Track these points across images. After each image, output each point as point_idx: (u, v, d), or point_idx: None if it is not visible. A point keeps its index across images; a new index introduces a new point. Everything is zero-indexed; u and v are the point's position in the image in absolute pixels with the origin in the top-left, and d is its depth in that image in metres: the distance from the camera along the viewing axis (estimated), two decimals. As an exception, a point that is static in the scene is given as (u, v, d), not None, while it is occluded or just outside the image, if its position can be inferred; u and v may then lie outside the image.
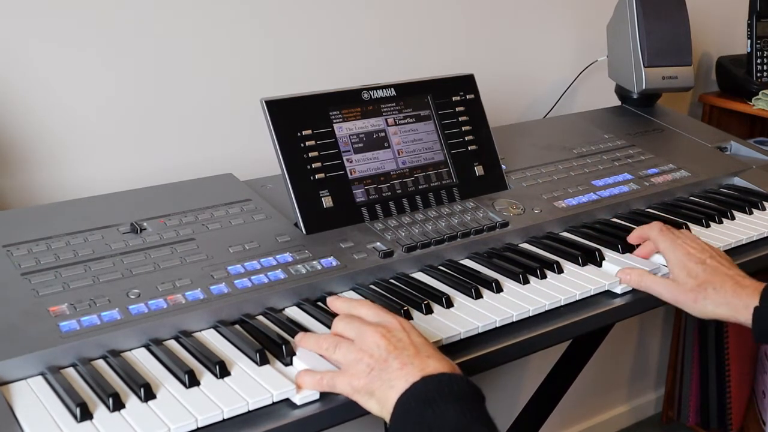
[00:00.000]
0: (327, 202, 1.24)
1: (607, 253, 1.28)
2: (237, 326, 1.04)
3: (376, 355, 0.91)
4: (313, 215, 1.23)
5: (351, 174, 1.28)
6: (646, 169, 1.59)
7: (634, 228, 1.36)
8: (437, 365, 0.89)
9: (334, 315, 1.06)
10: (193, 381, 0.91)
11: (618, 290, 1.20)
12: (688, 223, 1.41)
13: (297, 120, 1.24)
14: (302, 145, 1.24)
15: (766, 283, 1.16)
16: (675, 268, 1.20)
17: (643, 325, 2.58)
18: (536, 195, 1.42)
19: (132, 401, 0.88)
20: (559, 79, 2.04)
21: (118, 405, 0.86)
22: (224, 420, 0.87)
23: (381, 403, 0.89)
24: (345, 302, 1.03)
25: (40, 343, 0.93)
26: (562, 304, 1.15)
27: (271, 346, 0.98)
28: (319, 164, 1.25)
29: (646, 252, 1.28)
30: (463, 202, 1.36)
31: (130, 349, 0.98)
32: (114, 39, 1.41)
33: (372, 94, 1.33)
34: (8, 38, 1.32)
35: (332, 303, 1.04)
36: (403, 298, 1.10)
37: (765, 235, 1.42)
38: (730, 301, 1.15)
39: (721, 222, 1.44)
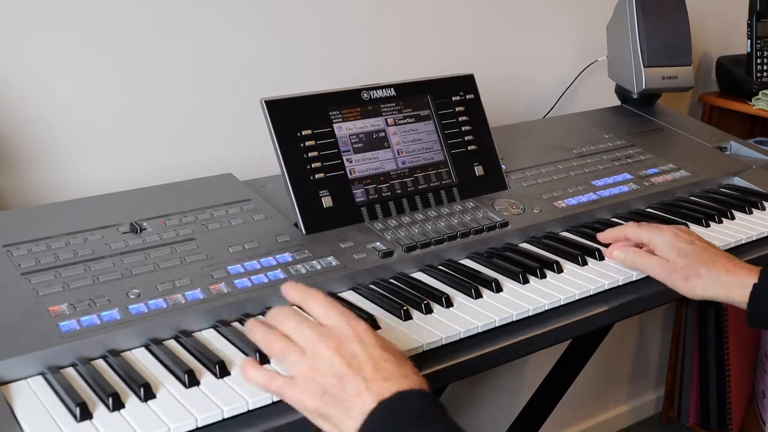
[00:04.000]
0: (327, 202, 1.24)
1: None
2: (237, 326, 1.04)
3: (329, 376, 0.83)
4: (313, 215, 1.23)
5: (351, 174, 1.28)
6: (646, 169, 1.59)
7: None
8: (392, 387, 0.82)
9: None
10: (192, 381, 0.91)
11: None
12: (688, 223, 1.41)
13: (297, 120, 1.24)
14: (302, 145, 1.24)
15: (763, 264, 1.15)
16: (665, 250, 1.18)
17: (643, 325, 2.58)
18: (536, 195, 1.42)
19: (132, 401, 0.88)
20: (559, 79, 2.04)
21: (118, 405, 0.86)
22: (224, 419, 0.87)
23: (337, 428, 0.82)
24: (299, 291, 0.93)
25: (40, 343, 0.93)
26: (562, 304, 1.15)
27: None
28: (319, 164, 1.25)
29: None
30: (462, 202, 1.36)
31: (130, 349, 0.98)
32: (114, 39, 1.41)
33: (372, 94, 1.33)
34: (8, 38, 1.32)
35: (287, 292, 0.94)
36: (403, 298, 1.10)
37: (765, 235, 1.42)
38: (723, 280, 1.13)
39: (721, 222, 1.44)
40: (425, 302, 1.09)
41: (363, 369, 0.83)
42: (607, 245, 1.28)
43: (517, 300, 1.13)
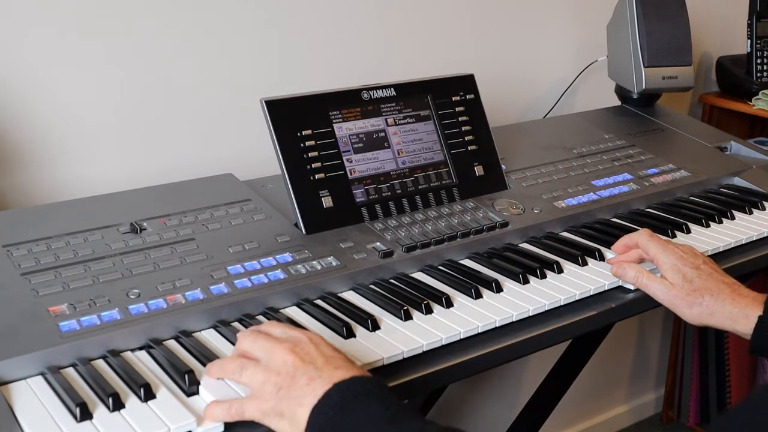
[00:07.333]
0: (327, 202, 1.24)
1: (607, 253, 1.28)
2: (237, 326, 1.04)
3: (283, 373, 0.85)
4: (313, 215, 1.23)
5: (351, 174, 1.28)
6: (646, 169, 1.59)
7: (634, 228, 1.36)
8: (346, 373, 0.84)
9: (329, 314, 1.06)
10: (192, 381, 0.91)
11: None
12: (688, 223, 1.41)
13: (297, 120, 1.24)
14: (302, 145, 1.24)
15: (767, 294, 1.15)
16: (669, 272, 1.18)
17: (643, 325, 2.58)
18: (536, 195, 1.42)
19: (132, 401, 0.88)
20: (559, 79, 2.04)
21: (118, 405, 0.86)
22: (224, 420, 0.87)
23: (292, 423, 0.83)
24: (252, 329, 0.94)
25: (40, 343, 0.93)
26: (562, 304, 1.15)
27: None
28: (319, 164, 1.25)
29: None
30: (463, 202, 1.36)
31: (130, 349, 0.98)
32: (115, 39, 1.41)
33: (372, 94, 1.33)
34: (7, 37, 1.32)
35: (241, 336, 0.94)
36: (403, 298, 1.10)
37: (765, 235, 1.42)
38: (727, 310, 1.14)
39: (721, 222, 1.44)
40: (425, 302, 1.09)
41: (315, 361, 0.86)
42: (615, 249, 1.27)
43: (517, 300, 1.13)
